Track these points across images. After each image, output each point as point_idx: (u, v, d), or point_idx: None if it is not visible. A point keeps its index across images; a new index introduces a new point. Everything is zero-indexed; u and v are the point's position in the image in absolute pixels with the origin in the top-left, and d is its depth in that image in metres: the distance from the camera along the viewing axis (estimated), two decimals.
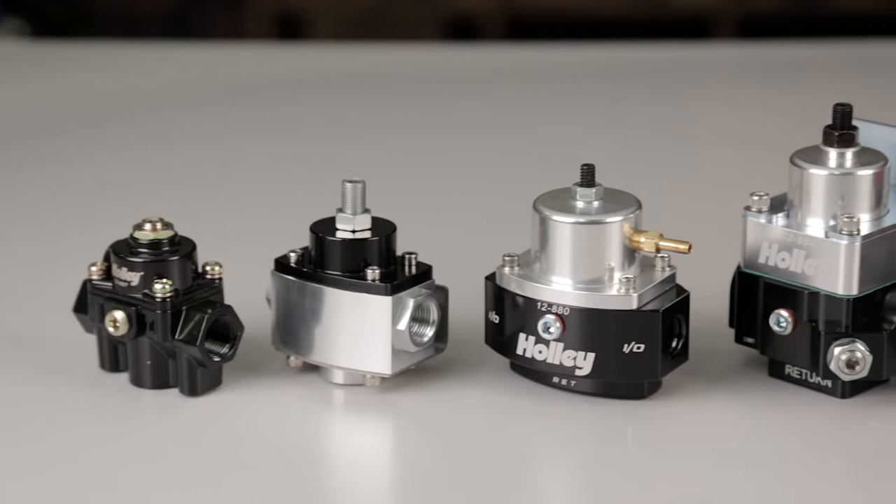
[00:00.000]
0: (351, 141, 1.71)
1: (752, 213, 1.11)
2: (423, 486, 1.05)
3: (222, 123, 1.78)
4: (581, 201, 1.10)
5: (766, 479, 1.04)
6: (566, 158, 1.19)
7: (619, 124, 1.75)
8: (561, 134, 1.71)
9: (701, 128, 1.73)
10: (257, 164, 1.64)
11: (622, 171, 1.48)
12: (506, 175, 1.57)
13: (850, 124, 1.09)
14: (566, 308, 1.09)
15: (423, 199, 1.53)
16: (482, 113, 1.80)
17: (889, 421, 1.08)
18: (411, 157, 1.67)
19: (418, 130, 1.75)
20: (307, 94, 1.86)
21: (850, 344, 1.07)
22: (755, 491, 1.03)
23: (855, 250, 1.06)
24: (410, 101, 1.85)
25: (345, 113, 1.80)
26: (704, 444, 1.08)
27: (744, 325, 1.13)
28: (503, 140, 1.71)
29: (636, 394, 1.11)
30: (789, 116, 1.71)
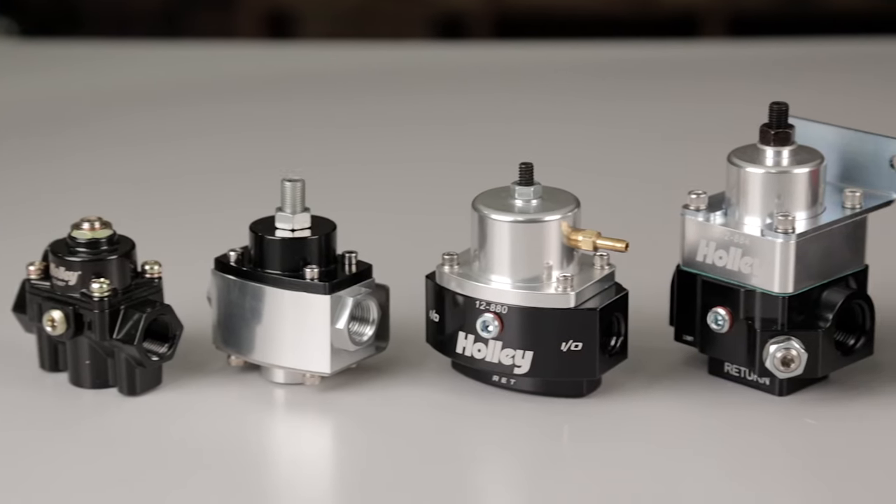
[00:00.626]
0: (331, 139, 1.70)
1: (690, 211, 1.11)
2: (363, 485, 1.05)
3: (210, 122, 1.77)
4: (519, 200, 1.10)
5: (703, 477, 1.04)
6: (541, 157, 1.19)
7: (605, 122, 1.75)
8: (540, 132, 1.71)
9: (690, 126, 1.73)
10: (241, 163, 1.63)
11: (595, 169, 1.50)
12: (473, 174, 1.57)
13: (786, 123, 1.09)
14: (504, 307, 1.09)
15: (384, 197, 1.53)
16: (465, 111, 1.80)
17: (824, 418, 1.09)
18: (386, 155, 1.66)
19: (400, 128, 1.75)
20: (296, 92, 1.86)
21: (785, 342, 1.07)
22: (693, 489, 1.03)
23: (790, 248, 1.07)
24: (396, 99, 1.84)
25: (333, 111, 1.79)
26: (643, 441, 1.08)
27: (683, 324, 1.13)
28: (482, 138, 1.70)
29: (575, 392, 1.12)
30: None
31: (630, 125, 1.74)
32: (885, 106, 1.76)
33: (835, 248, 1.09)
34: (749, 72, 1.91)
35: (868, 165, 1.13)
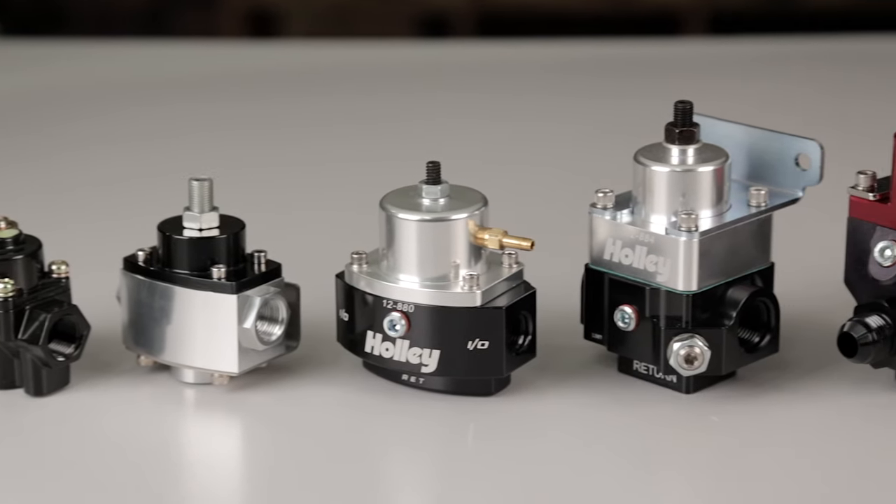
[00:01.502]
0: (305, 137, 1.70)
1: (597, 209, 1.12)
2: (270, 484, 1.04)
3: (187, 121, 1.77)
4: (427, 199, 1.10)
5: (608, 474, 1.04)
6: (511, 155, 1.19)
7: (578, 120, 1.75)
8: (512, 131, 1.71)
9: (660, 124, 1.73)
10: (214, 161, 1.63)
11: (558, 165, 1.49)
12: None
13: (690, 121, 1.10)
14: (410, 305, 1.09)
15: (318, 195, 1.53)
16: (437, 109, 1.79)
17: (729, 416, 1.09)
18: (343, 153, 1.66)
19: (367, 126, 1.74)
20: (272, 91, 1.86)
21: (689, 339, 1.08)
22: (598, 486, 1.03)
23: (693, 246, 1.07)
24: (369, 97, 1.84)
25: (304, 109, 1.79)
26: (551, 439, 1.08)
27: (592, 322, 1.14)
28: (452, 135, 1.70)
29: (484, 390, 1.12)
30: (752, 110, 1.73)
31: (602, 122, 1.74)
32: (863, 102, 1.77)
33: (740, 246, 1.10)
34: (729, 69, 1.92)
35: (774, 164, 1.13)
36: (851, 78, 1.89)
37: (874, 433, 1.08)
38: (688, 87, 1.96)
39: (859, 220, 1.08)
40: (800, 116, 1.64)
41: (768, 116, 1.51)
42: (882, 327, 1.07)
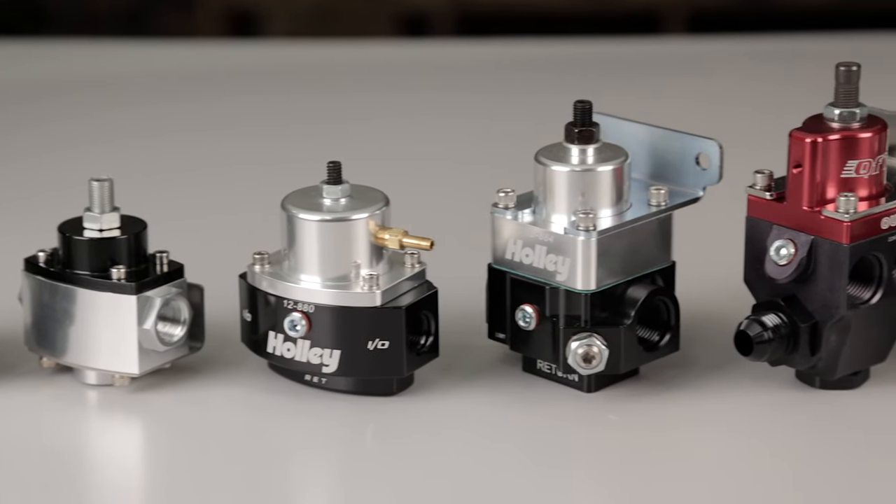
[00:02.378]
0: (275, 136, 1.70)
1: (498, 209, 1.12)
2: (170, 486, 1.04)
3: (170, 122, 1.76)
4: (327, 199, 1.10)
5: (507, 473, 1.04)
6: (476, 154, 1.18)
7: (557, 118, 1.74)
8: (484, 129, 1.71)
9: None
10: (194, 162, 1.63)
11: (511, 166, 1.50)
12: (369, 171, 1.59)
13: (590, 121, 1.10)
14: (311, 306, 1.09)
15: (229, 196, 1.53)
16: (415, 107, 1.79)
17: (630, 414, 1.10)
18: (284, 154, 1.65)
19: (338, 125, 1.74)
20: (252, 90, 1.85)
21: (587, 338, 1.08)
22: (497, 485, 1.03)
23: (591, 245, 1.07)
24: (345, 97, 1.84)
25: (285, 108, 1.79)
26: (450, 438, 1.09)
27: (495, 321, 1.14)
28: (427, 134, 1.70)
29: (386, 390, 1.12)
30: (731, 109, 1.74)
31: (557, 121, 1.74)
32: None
33: (640, 245, 1.10)
34: (708, 68, 1.92)
35: (676, 163, 1.14)
36: (829, 76, 1.90)
37: (774, 430, 1.08)
38: (667, 86, 2.00)
39: (757, 220, 1.09)
40: (774, 114, 1.64)
41: (747, 113, 1.53)
42: (778, 326, 1.07)
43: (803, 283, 1.07)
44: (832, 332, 1.07)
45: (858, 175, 1.06)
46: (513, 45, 2.08)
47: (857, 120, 1.06)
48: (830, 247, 1.05)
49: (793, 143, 1.06)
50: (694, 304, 1.19)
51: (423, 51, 2.16)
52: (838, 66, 1.06)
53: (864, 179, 1.06)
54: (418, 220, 1.23)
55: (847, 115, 1.06)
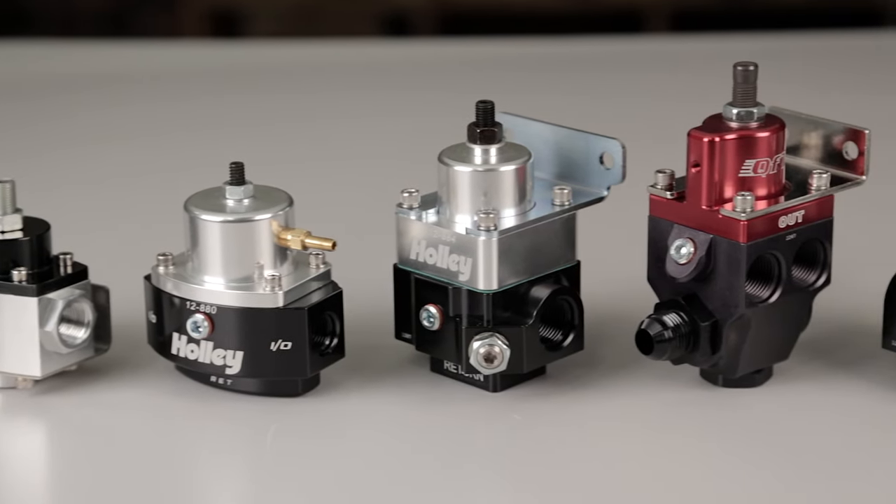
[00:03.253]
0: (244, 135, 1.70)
1: (402, 209, 1.12)
2: (72, 489, 1.04)
3: (149, 123, 1.76)
4: (230, 200, 1.10)
5: (410, 472, 1.04)
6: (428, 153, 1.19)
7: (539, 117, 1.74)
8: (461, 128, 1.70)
9: (630, 121, 1.70)
10: (169, 163, 1.62)
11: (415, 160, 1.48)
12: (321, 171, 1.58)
13: (492, 121, 1.10)
14: (213, 307, 1.09)
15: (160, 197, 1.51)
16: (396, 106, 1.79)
17: (535, 413, 1.10)
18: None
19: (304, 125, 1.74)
20: (242, 90, 1.86)
21: (488, 338, 1.08)
22: (401, 485, 1.03)
23: (492, 245, 1.08)
24: (315, 96, 1.84)
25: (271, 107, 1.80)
26: (354, 438, 1.08)
27: (401, 321, 1.14)
28: (385, 132, 1.70)
29: (292, 391, 1.12)
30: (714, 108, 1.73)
31: (564, 119, 1.71)
32: (825, 97, 1.77)
33: (543, 245, 1.10)
34: (691, 66, 1.92)
35: (581, 163, 1.14)
36: (810, 73, 1.92)
37: (676, 429, 1.09)
38: (650, 84, 2.01)
39: (658, 219, 1.09)
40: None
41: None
42: (678, 325, 1.07)
43: (703, 281, 1.07)
44: (732, 330, 1.08)
45: (756, 174, 1.06)
46: (496, 45, 2.08)
47: (754, 119, 1.06)
48: (728, 245, 1.06)
49: (691, 142, 1.06)
50: (600, 303, 1.20)
51: (406, 50, 2.16)
52: (736, 66, 1.06)
53: (762, 178, 1.06)
54: (344, 220, 1.24)
55: (745, 115, 1.06)
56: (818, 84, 1.85)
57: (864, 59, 1.92)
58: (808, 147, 1.12)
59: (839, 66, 1.90)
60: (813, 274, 1.09)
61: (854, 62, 1.92)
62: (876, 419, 1.08)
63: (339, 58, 1.99)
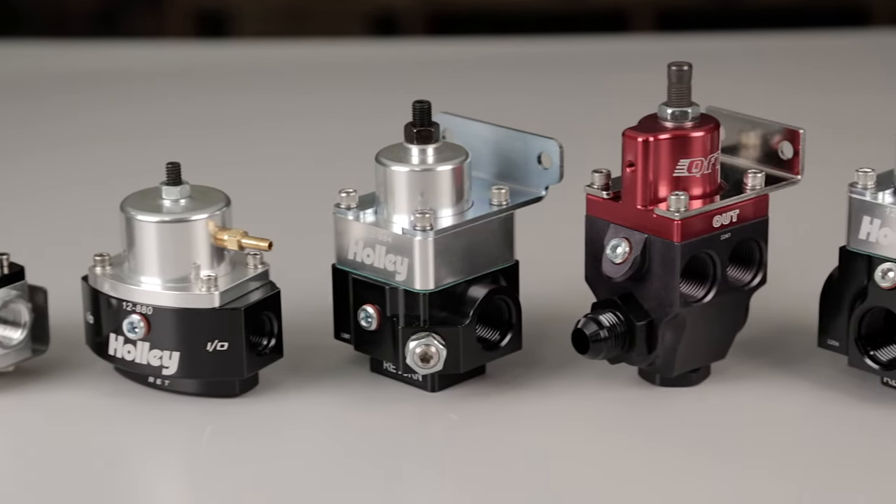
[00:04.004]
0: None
1: (340, 209, 1.12)
2: (8, 491, 1.03)
3: (128, 124, 1.75)
4: (167, 200, 1.10)
5: (347, 473, 1.04)
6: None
7: (515, 117, 1.72)
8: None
9: (616, 120, 1.70)
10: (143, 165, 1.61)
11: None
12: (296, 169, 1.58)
13: (429, 121, 1.10)
14: (149, 307, 1.08)
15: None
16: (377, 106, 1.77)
17: (469, 413, 1.10)
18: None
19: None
20: (230, 89, 1.85)
21: (425, 338, 1.08)
22: (338, 487, 1.03)
23: (428, 245, 1.08)
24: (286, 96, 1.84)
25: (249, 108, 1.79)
26: (290, 439, 1.08)
27: (340, 321, 1.14)
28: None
29: (229, 392, 1.12)
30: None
31: (547, 120, 1.65)
32: (808, 96, 1.77)
33: (480, 245, 1.10)
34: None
35: (520, 163, 1.14)
36: (795, 72, 1.92)
37: (613, 428, 1.09)
38: (636, 83, 2.00)
39: (595, 218, 1.09)
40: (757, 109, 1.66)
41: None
42: (614, 325, 1.08)
43: (639, 281, 1.08)
44: (667, 329, 1.08)
45: (691, 174, 1.06)
46: (483, 45, 2.07)
47: (689, 119, 1.06)
48: (663, 245, 1.06)
49: (626, 142, 1.06)
50: (539, 302, 1.20)
51: (394, 50, 2.15)
52: (670, 66, 1.06)
53: (696, 178, 1.06)
54: (292, 220, 1.23)
55: (679, 115, 1.06)
56: (802, 83, 1.85)
57: (848, 58, 1.93)
58: (746, 147, 1.13)
59: (823, 65, 1.90)
60: (748, 273, 1.10)
61: (838, 61, 1.93)
62: (812, 417, 1.09)
63: (327, 57, 1.99)
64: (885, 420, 1.07)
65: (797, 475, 1.03)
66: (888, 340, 1.08)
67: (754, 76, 1.93)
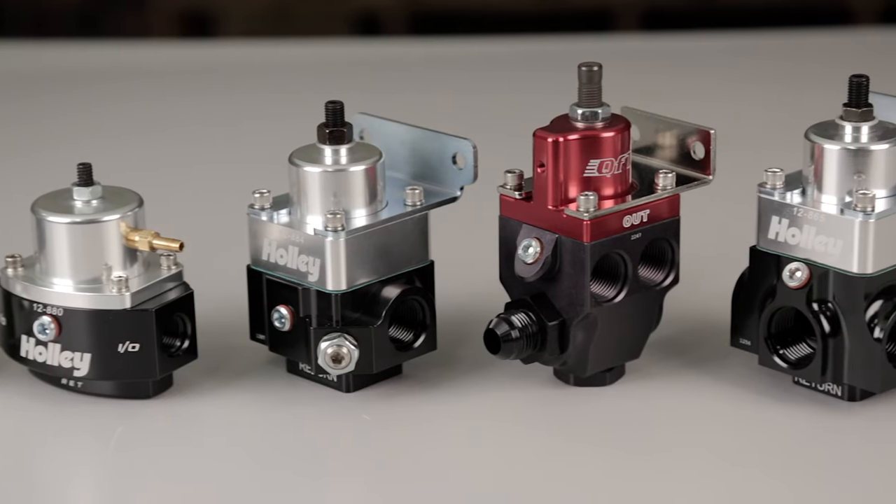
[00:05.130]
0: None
1: (254, 210, 1.12)
2: None
3: (109, 124, 1.74)
4: (78, 201, 1.09)
5: (262, 474, 1.04)
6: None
7: (494, 117, 1.73)
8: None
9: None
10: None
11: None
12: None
13: (342, 121, 1.10)
14: (60, 309, 1.08)
15: None
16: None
17: (382, 414, 1.10)
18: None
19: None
20: (213, 90, 1.84)
21: (336, 338, 1.08)
22: (250, 488, 1.02)
23: (340, 246, 1.07)
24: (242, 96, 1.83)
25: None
26: (204, 441, 1.08)
27: (255, 322, 1.13)
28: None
29: (143, 393, 1.11)
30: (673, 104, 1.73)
31: (524, 119, 1.70)
32: (792, 94, 1.77)
33: (394, 245, 1.10)
34: (661, 65, 1.92)
35: (435, 163, 1.14)
36: (781, 70, 1.90)
37: (528, 427, 1.09)
38: (620, 83, 1.98)
39: (508, 219, 1.09)
40: (726, 109, 1.65)
41: (698, 108, 1.52)
42: (526, 325, 1.08)
43: (551, 281, 1.08)
44: (579, 329, 1.08)
45: (601, 174, 1.06)
46: (467, 45, 2.06)
47: (599, 119, 1.07)
48: (573, 245, 1.06)
49: (536, 142, 1.06)
50: (457, 303, 1.20)
51: (377, 50, 2.14)
52: (580, 67, 1.06)
53: (607, 178, 1.06)
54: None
55: (589, 115, 1.06)
56: (787, 82, 1.86)
57: (833, 57, 1.94)
58: (663, 147, 1.13)
59: (808, 64, 1.91)
60: (661, 273, 1.10)
61: (823, 60, 1.93)
62: (725, 416, 1.09)
63: (310, 58, 1.98)
64: (793, 419, 1.08)
65: (709, 473, 1.03)
66: (797, 339, 1.09)
67: (739, 76, 1.92)
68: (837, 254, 1.04)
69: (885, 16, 2.55)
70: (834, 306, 1.04)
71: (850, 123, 1.06)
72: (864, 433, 1.06)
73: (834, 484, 1.01)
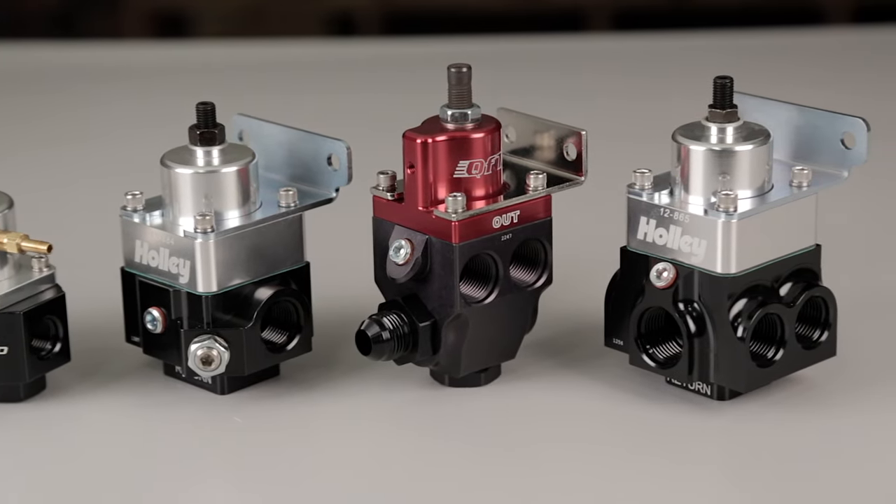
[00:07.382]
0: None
1: (126, 211, 1.11)
2: None
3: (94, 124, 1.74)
4: None
5: (133, 477, 1.03)
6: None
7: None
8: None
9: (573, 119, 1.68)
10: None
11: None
12: None
13: (213, 123, 1.09)
14: None
15: None
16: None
17: (255, 416, 1.09)
18: None
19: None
20: (187, 90, 1.81)
21: (207, 340, 1.08)
22: (121, 490, 1.02)
23: (209, 247, 1.07)
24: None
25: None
26: (79, 443, 1.07)
27: (130, 325, 1.13)
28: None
29: (14, 396, 1.10)
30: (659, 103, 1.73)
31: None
32: (762, 92, 1.76)
33: (267, 247, 1.10)
34: (633, 65, 1.93)
35: (311, 164, 1.13)
36: (755, 70, 1.89)
37: (401, 427, 1.09)
38: (592, 83, 1.99)
39: (381, 220, 1.09)
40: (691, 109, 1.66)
41: (668, 108, 1.53)
42: (397, 326, 1.08)
43: (422, 282, 1.08)
44: (450, 330, 1.08)
45: (471, 175, 1.06)
46: (440, 44, 2.06)
47: (469, 121, 1.07)
48: (442, 246, 1.06)
49: (406, 143, 1.06)
50: (336, 304, 1.20)
51: (351, 50, 2.14)
52: (449, 68, 1.06)
53: (477, 179, 1.06)
54: None
55: (459, 116, 1.06)
56: (759, 81, 1.86)
57: (804, 57, 1.95)
58: (541, 148, 1.13)
59: (780, 64, 1.92)
60: (533, 274, 1.10)
61: (795, 59, 1.95)
62: (600, 416, 1.09)
63: (284, 57, 1.98)
64: (662, 417, 1.08)
65: (583, 471, 1.03)
66: (667, 339, 1.09)
67: (709, 74, 1.93)
68: (702, 254, 1.05)
69: (856, 15, 2.58)
70: (699, 306, 1.05)
71: (715, 124, 1.06)
72: (726, 432, 1.06)
73: (696, 481, 1.02)
